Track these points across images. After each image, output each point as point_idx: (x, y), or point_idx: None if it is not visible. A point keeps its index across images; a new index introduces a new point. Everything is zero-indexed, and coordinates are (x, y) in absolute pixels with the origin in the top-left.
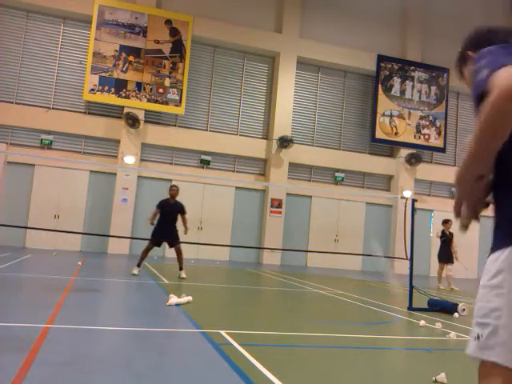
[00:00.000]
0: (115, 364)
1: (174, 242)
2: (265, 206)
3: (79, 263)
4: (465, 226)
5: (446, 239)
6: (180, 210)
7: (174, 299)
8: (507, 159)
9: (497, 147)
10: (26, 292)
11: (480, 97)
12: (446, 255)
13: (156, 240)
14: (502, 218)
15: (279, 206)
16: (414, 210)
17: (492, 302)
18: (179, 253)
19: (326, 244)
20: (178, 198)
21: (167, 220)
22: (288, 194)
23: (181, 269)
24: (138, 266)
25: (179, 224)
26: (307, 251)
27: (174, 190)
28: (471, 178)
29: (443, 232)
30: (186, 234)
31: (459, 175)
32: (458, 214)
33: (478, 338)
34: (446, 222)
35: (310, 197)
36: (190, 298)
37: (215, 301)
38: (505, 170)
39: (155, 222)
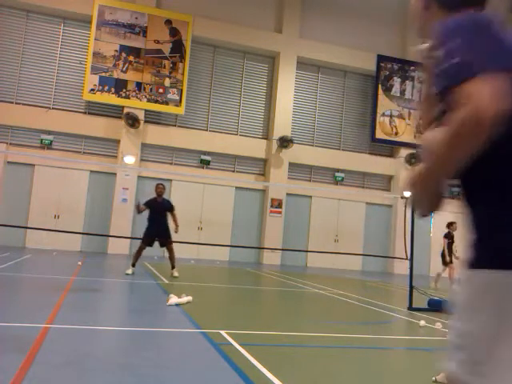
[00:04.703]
0: (115, 364)
1: (166, 240)
2: (265, 206)
3: (79, 263)
4: (424, 215)
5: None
6: (168, 207)
7: (174, 299)
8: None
9: (458, 165)
10: (26, 292)
11: (445, 88)
12: (451, 257)
13: (148, 240)
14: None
15: (279, 205)
16: (414, 210)
17: None
18: (171, 252)
19: (326, 244)
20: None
21: (157, 219)
22: (288, 194)
23: (173, 267)
24: (133, 265)
25: (171, 222)
26: (307, 251)
27: (160, 188)
28: (428, 190)
29: (450, 234)
30: (176, 232)
31: (415, 182)
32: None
33: None
34: (452, 224)
35: (310, 197)
36: (189, 298)
37: (215, 301)
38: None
39: (147, 219)
